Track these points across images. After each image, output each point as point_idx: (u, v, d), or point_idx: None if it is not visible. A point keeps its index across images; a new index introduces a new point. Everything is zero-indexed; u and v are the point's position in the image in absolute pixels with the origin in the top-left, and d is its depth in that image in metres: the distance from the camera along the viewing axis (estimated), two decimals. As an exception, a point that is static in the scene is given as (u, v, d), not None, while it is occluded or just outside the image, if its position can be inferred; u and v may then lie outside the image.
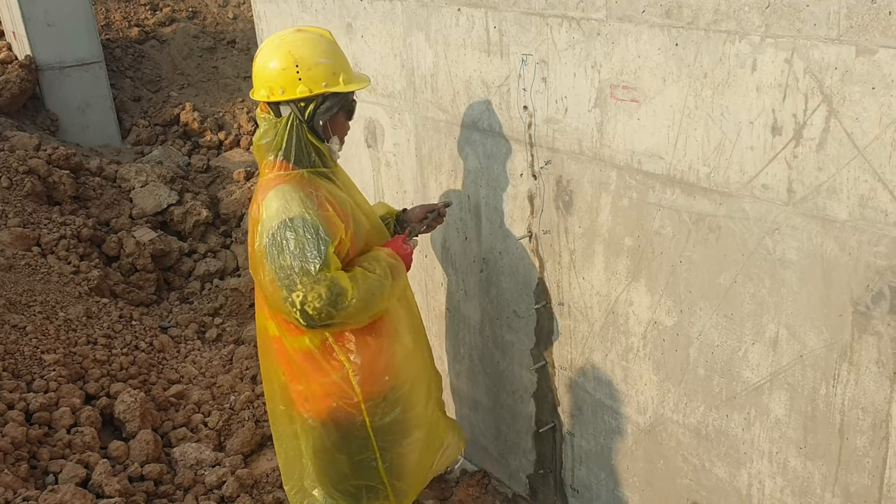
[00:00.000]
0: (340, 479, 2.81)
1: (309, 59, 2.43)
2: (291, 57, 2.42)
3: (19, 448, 3.49)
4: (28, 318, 4.52)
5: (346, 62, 2.56)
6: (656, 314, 2.53)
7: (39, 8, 8.52)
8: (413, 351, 2.83)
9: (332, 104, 2.50)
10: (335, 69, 2.47)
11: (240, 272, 6.32)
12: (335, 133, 2.59)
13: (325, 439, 2.74)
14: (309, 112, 2.48)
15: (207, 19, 10.72)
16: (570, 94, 2.56)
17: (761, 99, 2.04)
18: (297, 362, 2.64)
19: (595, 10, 2.38)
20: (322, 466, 2.80)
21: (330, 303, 2.38)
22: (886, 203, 1.86)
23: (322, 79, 2.45)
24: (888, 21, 1.75)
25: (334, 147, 2.61)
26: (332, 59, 2.47)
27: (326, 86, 2.46)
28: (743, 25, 2.02)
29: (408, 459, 2.86)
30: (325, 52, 2.46)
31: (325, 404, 2.67)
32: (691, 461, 2.58)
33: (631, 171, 2.44)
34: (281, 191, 2.44)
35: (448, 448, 3.07)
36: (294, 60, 2.42)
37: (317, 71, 2.44)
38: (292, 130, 2.48)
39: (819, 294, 2.06)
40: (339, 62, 2.51)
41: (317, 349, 2.61)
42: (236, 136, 9.11)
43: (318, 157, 2.55)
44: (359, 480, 2.81)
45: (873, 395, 2.01)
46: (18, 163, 6.44)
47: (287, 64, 2.42)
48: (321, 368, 2.61)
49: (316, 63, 2.43)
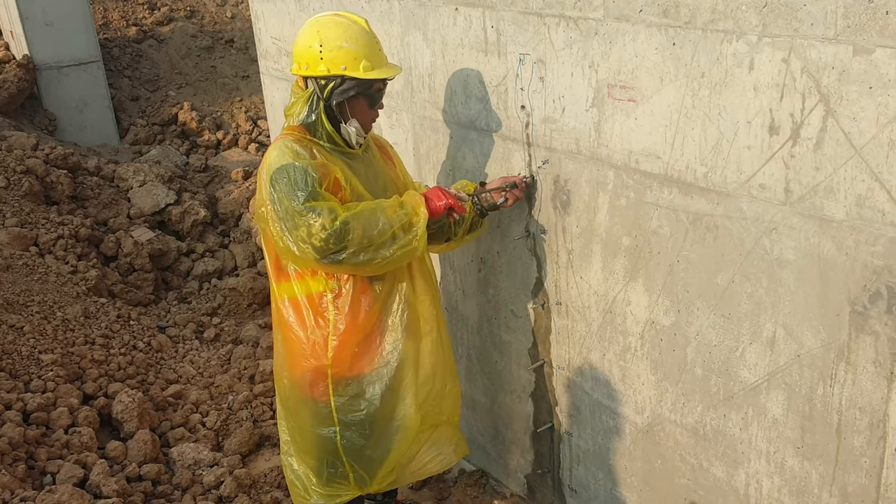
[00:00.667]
0: (306, 448, 2.88)
1: (333, 41, 2.55)
2: (318, 37, 2.57)
3: (17, 448, 3.49)
4: (26, 318, 4.51)
5: (372, 50, 2.60)
6: (654, 314, 2.53)
7: (37, 7, 8.51)
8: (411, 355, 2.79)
9: (349, 87, 2.60)
10: (357, 55, 2.57)
11: (238, 272, 6.31)
12: (353, 116, 2.67)
13: (294, 402, 2.82)
14: (328, 91, 2.60)
15: (205, 18, 10.72)
16: (568, 94, 2.55)
17: (758, 98, 2.03)
18: (283, 312, 2.73)
19: (592, 10, 2.38)
20: (291, 431, 2.90)
21: (330, 226, 2.44)
22: (883, 203, 1.86)
23: (342, 61, 2.56)
24: (885, 21, 1.74)
25: (351, 130, 2.67)
26: (356, 45, 2.57)
27: (345, 69, 2.56)
28: (740, 25, 2.02)
29: (370, 446, 2.81)
30: (351, 37, 2.57)
31: (297, 362, 2.74)
32: (689, 461, 2.58)
33: (628, 171, 2.44)
34: (280, 143, 2.60)
35: (440, 456, 3.02)
36: (319, 40, 2.56)
37: (338, 53, 2.55)
38: (310, 103, 2.64)
39: (816, 294, 2.06)
40: (363, 49, 2.58)
41: (307, 298, 2.68)
42: (234, 136, 9.10)
43: (328, 136, 2.66)
44: (320, 453, 2.85)
45: (870, 395, 2.01)
46: (16, 162, 6.43)
47: (312, 42, 2.57)
48: (303, 320, 2.69)
49: (339, 46, 2.55)
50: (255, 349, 4.96)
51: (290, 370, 2.80)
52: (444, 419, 3.02)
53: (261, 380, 4.60)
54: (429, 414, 2.92)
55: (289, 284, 2.70)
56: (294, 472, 2.96)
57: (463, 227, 2.88)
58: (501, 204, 2.79)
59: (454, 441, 3.07)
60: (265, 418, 4.29)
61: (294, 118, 2.67)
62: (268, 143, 8.85)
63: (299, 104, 2.66)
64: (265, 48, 4.24)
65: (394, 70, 2.65)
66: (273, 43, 4.13)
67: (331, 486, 2.89)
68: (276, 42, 4.09)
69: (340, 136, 2.69)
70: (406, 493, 3.67)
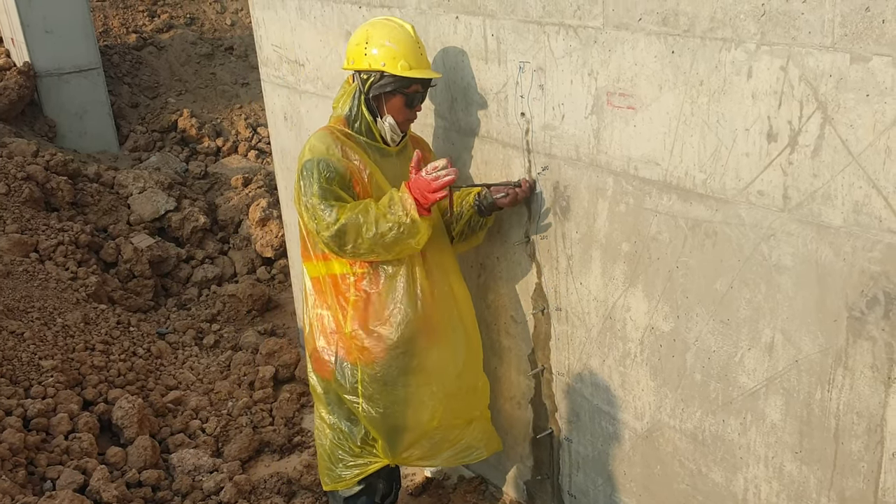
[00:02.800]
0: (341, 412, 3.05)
1: (377, 39, 2.74)
2: (366, 35, 2.77)
3: (17, 454, 3.49)
4: (26, 325, 4.52)
5: (413, 52, 2.74)
6: (653, 320, 2.54)
7: (38, 14, 8.54)
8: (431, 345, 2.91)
9: (386, 82, 2.75)
10: (397, 54, 2.71)
11: (237, 278, 6.32)
12: (389, 112, 2.82)
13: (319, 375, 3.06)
14: (368, 84, 2.78)
15: (205, 26, 10.75)
16: (567, 101, 2.57)
17: (757, 106, 2.05)
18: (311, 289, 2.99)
19: (592, 18, 2.40)
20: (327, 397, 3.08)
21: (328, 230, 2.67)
22: (881, 209, 1.88)
23: (382, 58, 2.73)
24: (882, 29, 1.77)
25: (385, 125, 2.83)
26: (397, 45, 2.72)
27: (384, 66, 2.73)
28: (739, 33, 2.04)
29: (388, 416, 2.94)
30: (394, 37, 2.73)
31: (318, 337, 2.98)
32: (688, 466, 2.59)
33: (627, 177, 2.46)
34: (320, 133, 2.83)
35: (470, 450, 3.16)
36: (366, 38, 2.76)
37: (380, 51, 2.73)
38: (354, 96, 2.84)
39: (814, 299, 2.07)
40: (403, 49, 2.72)
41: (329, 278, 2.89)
42: (234, 143, 9.13)
43: (367, 130, 2.85)
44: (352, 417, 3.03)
45: (868, 400, 2.03)
46: (16, 169, 6.45)
47: (360, 40, 2.78)
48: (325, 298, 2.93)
49: (382, 44, 2.73)
50: (254, 355, 4.96)
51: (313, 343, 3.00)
52: (478, 414, 3.15)
53: (260, 386, 4.61)
54: (461, 409, 3.05)
55: (312, 265, 2.93)
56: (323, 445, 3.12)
57: (460, 224, 2.93)
58: (500, 199, 2.79)
59: (486, 437, 3.19)
60: (265, 424, 4.30)
61: (339, 109, 2.89)
62: (267, 151, 8.88)
63: (345, 97, 2.87)
64: (266, 55, 4.26)
65: (430, 73, 2.78)
66: (274, 50, 4.15)
67: (364, 448, 3.04)
68: (277, 49, 4.11)
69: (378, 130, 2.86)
70: (406, 499, 3.68)
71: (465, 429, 3.10)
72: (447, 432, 3.06)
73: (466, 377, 3.03)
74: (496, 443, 3.26)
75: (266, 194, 7.02)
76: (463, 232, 2.96)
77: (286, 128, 4.30)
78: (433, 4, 2.97)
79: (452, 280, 2.99)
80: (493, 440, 3.25)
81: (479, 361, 3.10)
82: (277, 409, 4.41)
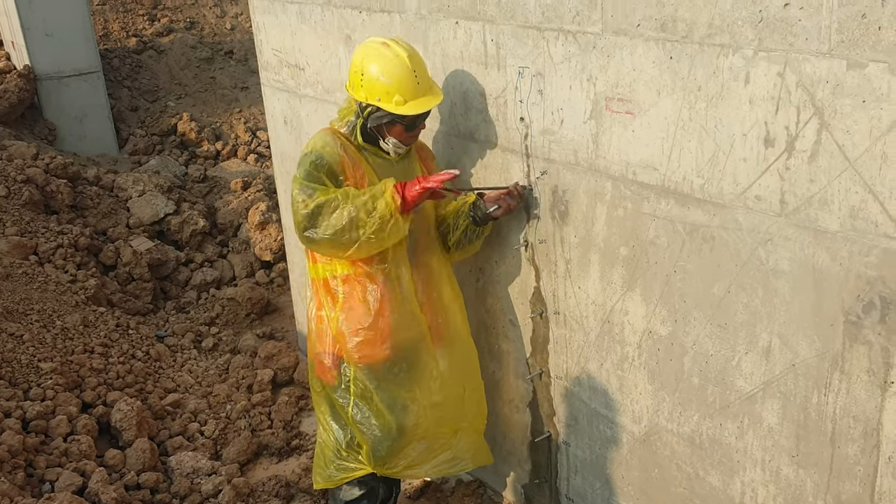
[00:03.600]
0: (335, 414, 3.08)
1: (372, 73, 2.73)
2: (362, 65, 2.76)
3: (16, 456, 3.50)
4: (25, 327, 4.52)
5: (409, 85, 2.72)
6: (651, 324, 2.55)
7: (38, 18, 8.55)
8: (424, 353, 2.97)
9: (382, 115, 2.78)
10: (391, 90, 2.71)
11: (236, 282, 6.33)
12: (391, 135, 2.84)
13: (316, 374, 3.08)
14: (365, 112, 2.81)
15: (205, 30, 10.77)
16: (566, 106, 2.59)
17: (754, 111, 2.07)
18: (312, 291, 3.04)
19: (591, 24, 2.42)
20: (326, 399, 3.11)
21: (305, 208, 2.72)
22: (876, 214, 1.89)
23: (376, 93, 2.74)
24: (878, 36, 1.78)
25: (389, 146, 2.86)
26: (391, 79, 2.70)
27: (379, 101, 2.74)
28: (736, 39, 2.06)
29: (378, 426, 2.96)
30: (388, 71, 2.71)
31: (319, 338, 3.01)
32: (685, 470, 2.60)
33: (626, 182, 2.47)
34: (320, 133, 2.89)
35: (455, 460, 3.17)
36: (362, 69, 2.76)
37: (374, 86, 2.73)
38: (354, 115, 2.87)
39: (811, 304, 2.09)
40: (397, 84, 2.70)
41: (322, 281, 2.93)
42: (233, 147, 9.14)
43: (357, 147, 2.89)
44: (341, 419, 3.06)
45: (864, 404, 2.04)
46: (16, 172, 6.46)
47: (357, 69, 2.78)
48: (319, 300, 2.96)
49: (376, 79, 2.72)
50: (252, 359, 4.97)
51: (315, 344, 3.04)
52: (465, 425, 3.15)
53: (259, 389, 4.61)
54: (446, 418, 3.06)
55: (311, 266, 2.98)
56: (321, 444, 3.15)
57: (457, 234, 2.95)
58: (493, 212, 2.82)
59: (474, 448, 3.20)
60: (263, 427, 4.30)
61: (340, 122, 2.92)
62: (267, 154, 8.89)
63: (350, 115, 2.89)
64: (266, 60, 4.27)
65: (424, 105, 2.74)
66: (274, 55, 4.17)
67: (350, 452, 3.05)
68: (278, 54, 4.13)
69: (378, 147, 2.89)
70: (405, 502, 3.69)
71: (450, 438, 3.12)
72: (432, 441, 3.08)
73: (452, 386, 3.05)
74: (485, 456, 3.27)
75: (265, 198, 7.03)
76: (460, 241, 2.98)
77: (286, 131, 4.31)
78: (433, 10, 2.99)
79: (444, 288, 3.03)
80: (482, 452, 3.26)
81: (468, 371, 3.12)
82: (276, 412, 4.42)
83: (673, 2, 2.17)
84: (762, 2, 1.97)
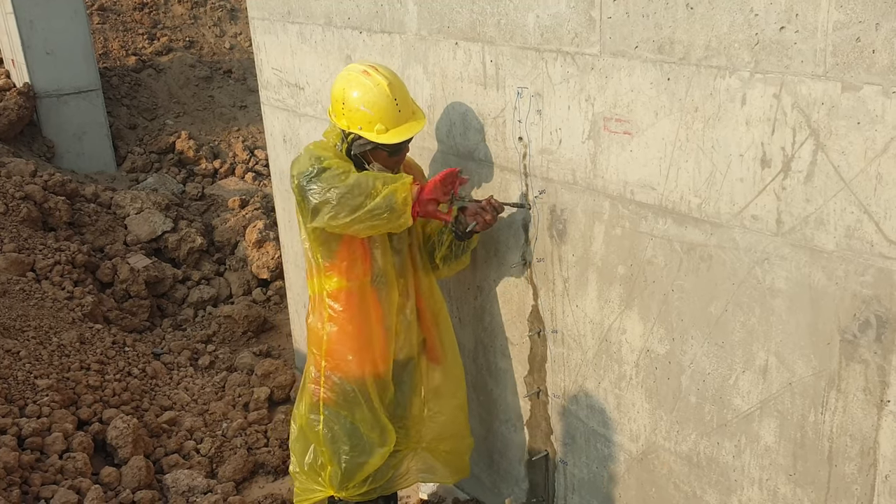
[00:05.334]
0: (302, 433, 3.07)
1: (353, 102, 2.72)
2: (343, 94, 2.74)
3: (11, 473, 3.48)
4: (21, 343, 4.52)
5: (390, 113, 2.71)
6: (649, 342, 2.56)
7: (39, 36, 8.60)
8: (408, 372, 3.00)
9: (365, 143, 2.77)
10: (373, 119, 2.70)
11: (233, 299, 6.33)
12: (376, 161, 2.83)
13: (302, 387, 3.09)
14: (348, 139, 2.79)
15: (204, 49, 10.83)
16: (565, 126, 2.62)
17: (751, 132, 2.10)
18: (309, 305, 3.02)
19: (589, 46, 2.45)
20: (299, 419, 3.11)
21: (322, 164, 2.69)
22: (872, 234, 1.91)
23: (358, 122, 2.73)
24: (872, 59, 1.81)
25: (375, 170, 2.82)
26: (372, 109, 2.70)
27: (360, 129, 2.74)
28: (733, 61, 2.09)
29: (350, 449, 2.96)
30: (369, 101, 2.69)
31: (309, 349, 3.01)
32: (683, 489, 2.61)
33: (624, 201, 2.49)
34: (313, 144, 2.90)
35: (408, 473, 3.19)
36: (343, 98, 2.74)
37: (356, 115, 2.72)
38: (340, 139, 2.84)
39: (807, 323, 2.10)
40: (378, 114, 2.70)
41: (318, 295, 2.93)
42: (231, 165, 9.17)
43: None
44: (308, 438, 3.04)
45: (861, 423, 2.05)
46: (14, 188, 6.47)
47: (338, 97, 2.76)
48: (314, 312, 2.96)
49: (357, 109, 2.71)
50: (249, 377, 4.96)
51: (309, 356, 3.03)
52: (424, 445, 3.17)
53: (255, 407, 4.60)
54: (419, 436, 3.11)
55: (311, 282, 2.96)
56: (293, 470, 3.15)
57: (443, 249, 2.96)
58: (473, 228, 2.80)
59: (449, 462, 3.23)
60: (259, 445, 4.29)
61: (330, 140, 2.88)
62: (264, 173, 8.92)
63: (335, 139, 2.86)
64: (266, 79, 4.31)
65: (405, 133, 2.74)
66: (274, 74, 4.20)
67: (310, 474, 3.04)
68: (278, 73, 4.16)
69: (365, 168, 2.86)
70: (400, 521, 3.67)
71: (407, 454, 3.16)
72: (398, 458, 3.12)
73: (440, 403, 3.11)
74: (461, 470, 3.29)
75: (263, 216, 7.05)
76: (447, 257, 2.99)
77: (285, 150, 4.34)
78: (433, 31, 3.03)
79: (434, 305, 3.04)
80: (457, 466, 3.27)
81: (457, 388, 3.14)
82: (272, 430, 4.41)
83: (670, 24, 2.21)
84: (758, 25, 2.01)
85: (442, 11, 2.95)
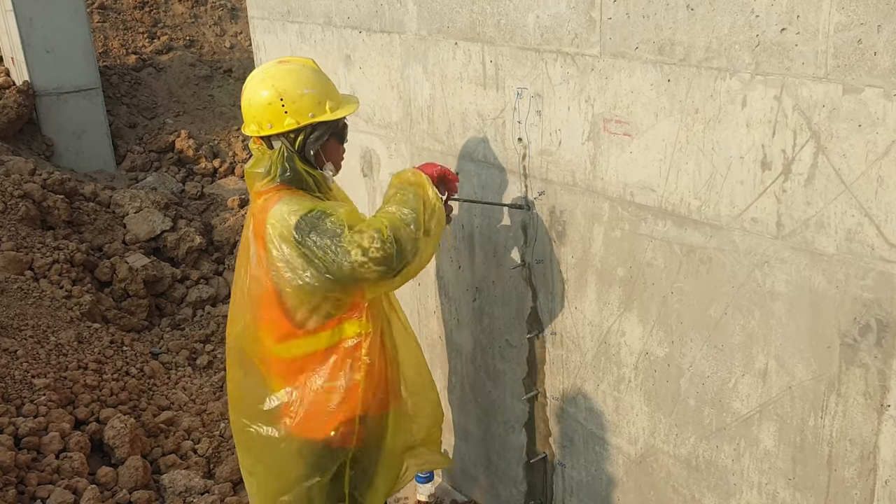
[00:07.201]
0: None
1: (293, 91, 2.43)
2: (275, 90, 2.43)
3: (7, 473, 3.47)
4: (19, 342, 4.51)
5: (331, 89, 2.53)
6: (648, 345, 2.55)
7: (39, 34, 8.60)
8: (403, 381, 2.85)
9: (321, 133, 2.50)
10: (320, 98, 2.47)
11: (232, 299, 6.32)
12: (329, 159, 2.58)
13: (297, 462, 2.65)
14: (299, 143, 2.48)
15: (204, 48, 10.83)
16: (564, 127, 2.60)
17: (751, 134, 2.08)
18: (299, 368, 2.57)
19: (589, 47, 2.44)
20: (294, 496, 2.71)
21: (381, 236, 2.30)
22: (873, 237, 1.90)
23: (308, 109, 2.45)
24: (874, 61, 1.80)
25: (327, 174, 2.59)
26: (315, 88, 2.47)
27: (313, 116, 2.46)
28: (733, 63, 2.08)
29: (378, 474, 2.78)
30: (308, 82, 2.46)
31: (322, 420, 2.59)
32: (681, 492, 2.59)
33: (623, 203, 2.48)
34: (286, 199, 2.44)
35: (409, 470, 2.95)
36: (278, 94, 2.43)
37: (302, 102, 2.44)
38: (286, 160, 2.48)
39: (807, 326, 2.09)
40: (323, 90, 2.49)
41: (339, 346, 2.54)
42: (231, 164, 9.16)
43: (314, 183, 2.55)
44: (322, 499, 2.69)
45: (861, 427, 2.04)
46: (13, 187, 6.47)
47: (272, 98, 2.43)
48: (332, 371, 2.55)
49: (300, 95, 2.44)
50: (247, 377, 4.95)
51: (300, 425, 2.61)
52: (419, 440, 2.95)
53: (253, 407, 4.59)
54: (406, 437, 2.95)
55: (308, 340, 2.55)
56: None
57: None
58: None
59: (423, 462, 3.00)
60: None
61: (273, 180, 2.48)
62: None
63: (274, 164, 2.47)
64: (266, 78, 4.29)
65: (354, 103, 2.56)
66: (274, 73, 4.19)
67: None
68: (277, 72, 4.15)
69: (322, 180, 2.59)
70: (398, 522, 3.66)
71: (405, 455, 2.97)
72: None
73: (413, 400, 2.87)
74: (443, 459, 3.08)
75: (262, 216, 7.03)
76: None
77: (284, 150, 4.32)
78: (433, 31, 3.01)
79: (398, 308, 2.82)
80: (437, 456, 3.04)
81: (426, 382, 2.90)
82: (270, 430, 4.39)
83: (671, 25, 2.20)
84: (759, 26, 2.00)
85: (442, 11, 2.94)
